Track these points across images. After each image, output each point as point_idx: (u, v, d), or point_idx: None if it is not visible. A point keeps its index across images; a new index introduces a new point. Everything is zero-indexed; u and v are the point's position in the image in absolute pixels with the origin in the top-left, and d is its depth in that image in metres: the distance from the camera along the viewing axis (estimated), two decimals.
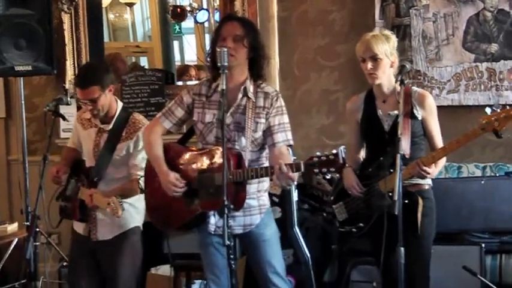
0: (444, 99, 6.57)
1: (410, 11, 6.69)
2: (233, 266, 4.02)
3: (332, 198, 5.04)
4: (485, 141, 6.33)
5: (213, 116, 4.46)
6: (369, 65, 4.62)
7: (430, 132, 4.68)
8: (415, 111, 4.62)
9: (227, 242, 3.92)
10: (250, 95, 4.43)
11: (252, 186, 4.48)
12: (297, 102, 6.96)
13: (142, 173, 4.97)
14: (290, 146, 4.49)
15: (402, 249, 4.10)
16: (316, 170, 4.02)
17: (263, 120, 4.43)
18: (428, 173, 4.51)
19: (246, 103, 4.43)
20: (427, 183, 4.69)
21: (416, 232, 4.53)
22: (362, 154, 4.94)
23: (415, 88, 4.80)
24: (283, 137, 4.44)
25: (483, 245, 5.71)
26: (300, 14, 7.03)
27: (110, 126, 5.11)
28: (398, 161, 4.17)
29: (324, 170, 4.01)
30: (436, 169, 4.58)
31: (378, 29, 6.25)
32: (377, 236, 4.49)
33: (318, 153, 4.02)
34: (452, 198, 5.80)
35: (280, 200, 5.92)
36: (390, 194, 4.45)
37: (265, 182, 4.59)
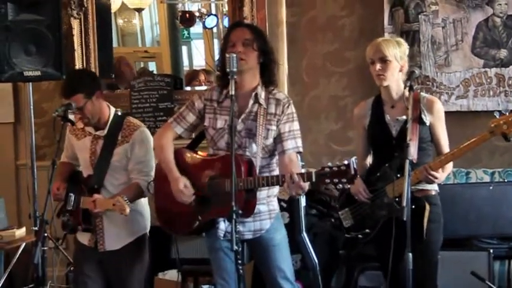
0: (453, 105, 6.57)
1: (419, 16, 6.68)
2: (241, 271, 4.02)
3: (338, 204, 5.03)
4: (493, 147, 6.32)
5: (224, 122, 4.46)
6: (378, 66, 4.62)
7: (437, 138, 4.67)
8: (423, 116, 4.60)
9: (235, 247, 3.93)
10: (262, 101, 4.44)
11: (262, 192, 4.48)
12: (305, 108, 6.96)
13: (141, 175, 4.96)
14: (299, 152, 4.49)
15: (410, 255, 4.08)
16: (328, 181, 4.02)
17: (274, 127, 4.43)
18: (436, 178, 4.49)
19: (258, 109, 4.43)
20: (433, 189, 4.67)
21: (422, 238, 4.51)
22: (369, 160, 4.93)
23: (423, 94, 4.80)
24: (293, 144, 4.44)
25: (491, 251, 5.70)
26: (309, 19, 7.03)
27: (105, 132, 5.05)
28: (407, 167, 4.14)
29: (336, 180, 4.00)
30: (443, 174, 4.57)
31: (390, 36, 6.26)
32: (383, 242, 4.48)
33: (330, 164, 4.02)
34: (461, 203, 5.80)
35: (288, 205, 5.92)
36: (397, 199, 4.45)
37: (275, 188, 4.57)
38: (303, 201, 5.95)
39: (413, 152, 4.44)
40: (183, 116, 4.62)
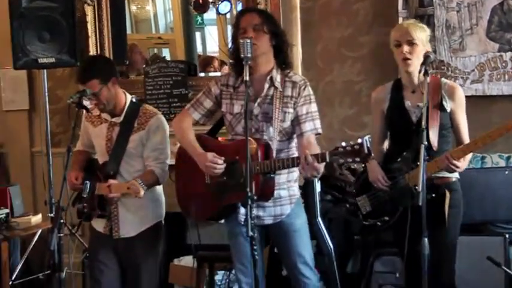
0: (468, 90, 6.52)
1: (434, 0, 6.64)
2: (256, 256, 4.03)
3: (354, 190, 5.02)
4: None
5: (241, 107, 4.48)
6: (405, 48, 4.56)
7: (457, 125, 4.65)
8: (444, 103, 4.58)
9: (250, 233, 3.94)
10: (277, 84, 4.44)
11: (282, 177, 4.50)
12: (320, 93, 6.94)
13: (156, 162, 4.98)
14: (318, 134, 4.49)
15: (426, 239, 4.07)
16: (342, 161, 4.02)
17: (291, 110, 4.44)
18: (458, 167, 4.48)
19: (274, 93, 4.44)
20: (454, 175, 4.65)
21: (444, 225, 4.52)
22: (385, 145, 4.91)
23: (444, 80, 4.77)
24: (311, 125, 4.45)
25: (507, 236, 5.69)
26: (323, 4, 7.00)
27: (121, 119, 5.08)
28: (422, 152, 4.12)
29: (349, 160, 4.00)
30: (464, 163, 4.55)
31: (406, 20, 6.22)
32: (401, 228, 4.47)
33: (343, 143, 4.01)
34: (476, 188, 5.78)
35: (303, 191, 5.91)
36: (416, 187, 4.42)
37: (295, 172, 4.60)
38: (317, 186, 5.94)
39: (433, 138, 4.45)
40: (200, 101, 4.65)
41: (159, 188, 5.17)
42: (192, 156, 4.56)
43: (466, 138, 4.63)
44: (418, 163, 4.39)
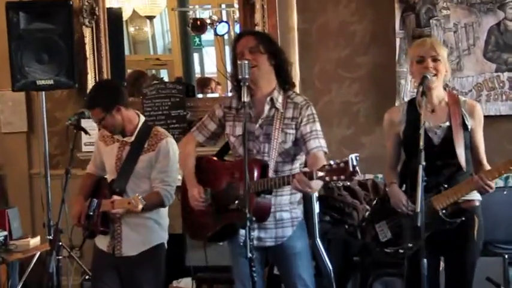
0: None
1: (431, 21, 6.68)
2: (256, 277, 4.02)
3: (369, 216, 4.93)
4: (507, 152, 6.29)
5: (243, 129, 4.47)
6: (431, 64, 4.46)
7: (476, 144, 4.53)
8: (466, 121, 4.49)
9: (249, 255, 3.93)
10: (278, 105, 4.44)
11: (284, 198, 4.49)
12: (317, 113, 6.87)
13: (163, 185, 4.99)
14: (324, 152, 4.47)
15: (425, 260, 4.05)
16: (328, 179, 3.96)
17: (292, 131, 4.43)
18: (492, 188, 4.36)
19: (275, 114, 4.44)
20: (477, 199, 4.54)
21: (470, 247, 4.49)
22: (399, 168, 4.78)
23: (462, 97, 4.67)
24: (317, 143, 4.41)
25: (506, 256, 5.68)
26: (320, 25, 7.04)
27: (132, 139, 5.09)
28: (420, 173, 4.06)
29: (335, 177, 3.94)
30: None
31: (398, 39, 6.24)
32: (429, 254, 4.38)
33: (331, 161, 3.97)
34: None
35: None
36: (444, 211, 4.39)
37: (298, 194, 4.57)
38: (316, 207, 5.94)
39: (461, 159, 4.38)
40: (205, 124, 4.69)
41: (164, 211, 5.16)
42: (187, 184, 4.64)
43: (484, 158, 4.55)
44: (446, 186, 4.40)
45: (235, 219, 4.34)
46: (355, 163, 3.87)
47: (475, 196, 4.51)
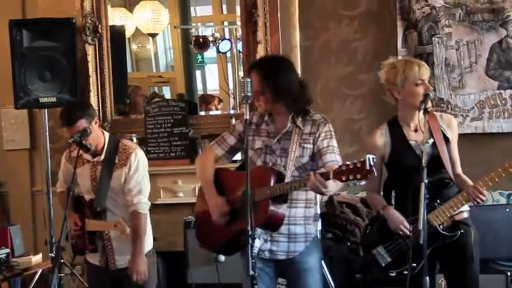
0: (468, 127, 6.55)
1: (433, 39, 6.69)
2: None
3: (365, 243, 4.91)
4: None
5: (261, 143, 4.56)
6: (427, 86, 4.51)
7: (454, 155, 4.60)
8: (446, 135, 4.55)
9: (251, 272, 3.94)
10: (299, 123, 4.48)
11: (298, 211, 4.49)
12: None
13: (139, 195, 5.17)
14: None
15: (427, 278, 4.06)
16: (344, 178, 4.01)
17: (310, 146, 4.46)
18: (486, 196, 4.42)
19: (293, 129, 4.47)
20: (466, 210, 4.59)
21: (471, 260, 4.50)
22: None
23: (437, 113, 4.75)
24: (333, 157, 4.42)
25: (509, 274, 5.67)
26: (322, 43, 7.06)
27: (102, 157, 5.22)
28: (423, 190, 4.09)
29: (351, 177, 3.99)
30: None
31: (400, 57, 6.25)
32: (432, 270, 4.40)
33: (348, 162, 4.02)
34: (477, 226, 5.70)
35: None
36: (441, 226, 4.42)
37: (312, 208, 4.58)
38: (318, 225, 5.93)
39: (450, 172, 4.45)
40: (224, 138, 4.73)
41: (147, 219, 5.31)
42: (206, 195, 4.66)
43: (459, 168, 4.61)
44: (438, 201, 4.43)
45: (255, 224, 4.34)
46: (372, 163, 3.92)
47: (464, 207, 4.56)
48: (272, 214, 4.32)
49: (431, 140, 4.48)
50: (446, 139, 4.56)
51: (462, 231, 4.45)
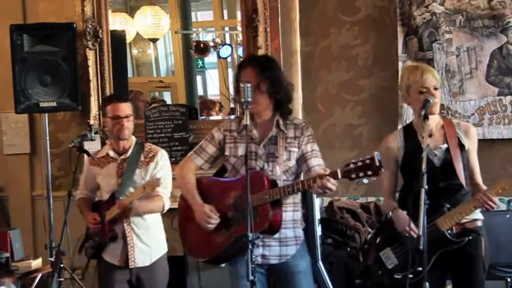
0: None
1: (434, 45, 6.69)
2: None
3: (375, 244, 4.90)
4: (508, 175, 6.29)
5: (245, 150, 4.50)
6: (434, 92, 4.48)
7: (472, 164, 4.57)
8: (462, 142, 4.52)
9: (251, 278, 3.94)
10: (282, 127, 4.48)
11: (288, 214, 4.50)
12: (320, 136, 6.94)
13: (163, 189, 5.26)
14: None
15: (427, 284, 4.06)
16: (354, 176, 4.03)
17: (296, 149, 4.48)
18: (496, 204, 4.38)
19: (277, 134, 4.47)
20: (480, 218, 4.56)
21: (478, 268, 4.48)
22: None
23: (456, 120, 4.74)
24: (317, 161, 4.48)
25: (509, 280, 5.67)
26: (323, 48, 7.06)
27: (128, 154, 5.34)
28: (423, 195, 4.09)
29: (361, 174, 4.02)
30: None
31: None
32: (439, 276, 4.38)
33: (353, 160, 4.03)
34: None
35: (303, 234, 5.91)
36: (449, 231, 4.41)
37: (299, 212, 4.62)
38: (318, 230, 5.94)
39: (462, 179, 4.42)
40: (203, 148, 4.68)
41: (161, 225, 5.43)
42: (190, 205, 4.62)
43: (480, 179, 4.56)
44: (449, 206, 4.41)
45: (255, 229, 4.34)
46: (379, 158, 3.98)
47: (478, 216, 4.54)
48: (273, 218, 4.32)
49: (444, 146, 4.50)
50: (462, 146, 4.52)
51: (470, 238, 4.42)
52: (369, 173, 4.02)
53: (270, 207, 4.29)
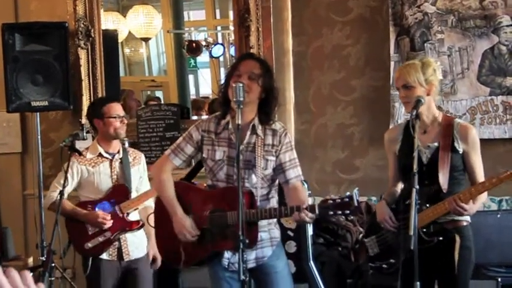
0: None
1: (425, 45, 6.70)
2: None
3: (364, 231, 4.97)
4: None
5: (223, 154, 4.46)
6: (402, 93, 4.53)
7: (471, 167, 4.54)
8: (456, 144, 4.49)
9: (242, 277, 3.93)
10: (259, 132, 4.43)
11: (263, 220, 4.49)
12: (312, 136, 6.98)
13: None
14: (303, 181, 4.52)
15: (418, 284, 4.06)
16: (331, 213, 4.04)
17: (273, 158, 4.44)
18: (466, 210, 4.35)
19: (255, 141, 4.43)
20: (465, 219, 4.53)
21: (453, 272, 4.46)
22: (400, 186, 4.80)
23: (457, 120, 4.67)
24: (295, 172, 4.47)
25: (499, 279, 5.68)
26: (315, 48, 7.06)
27: (121, 155, 5.51)
28: (414, 196, 4.10)
29: (339, 212, 4.03)
30: (474, 206, 4.40)
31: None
32: (408, 273, 4.32)
33: (333, 196, 4.05)
34: None
35: (295, 234, 5.92)
36: (424, 230, 4.41)
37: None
38: (310, 230, 5.94)
39: (443, 180, 4.40)
40: (181, 147, 4.58)
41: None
42: (169, 213, 4.54)
43: (481, 178, 4.52)
44: (428, 205, 4.41)
45: (227, 247, 4.36)
46: (358, 198, 4.00)
47: (463, 217, 4.51)
48: (249, 235, 4.22)
49: (434, 145, 4.51)
50: (454, 148, 4.50)
51: (441, 238, 4.42)
52: (347, 212, 4.03)
53: (246, 225, 4.17)
